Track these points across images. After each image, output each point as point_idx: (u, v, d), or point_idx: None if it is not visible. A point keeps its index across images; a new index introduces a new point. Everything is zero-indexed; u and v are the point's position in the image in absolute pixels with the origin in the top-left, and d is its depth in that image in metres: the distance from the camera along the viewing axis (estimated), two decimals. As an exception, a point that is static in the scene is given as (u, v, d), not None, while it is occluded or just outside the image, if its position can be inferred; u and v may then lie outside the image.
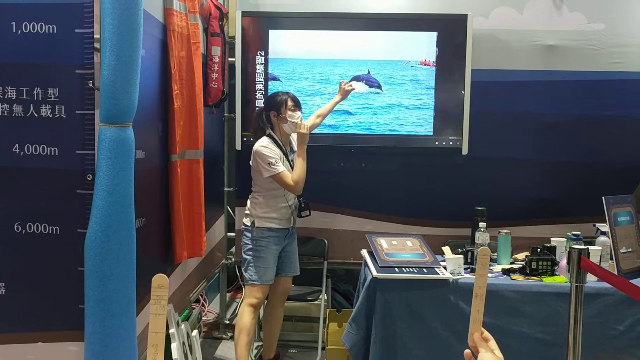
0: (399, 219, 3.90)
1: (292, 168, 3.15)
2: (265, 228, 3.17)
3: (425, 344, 2.75)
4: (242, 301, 3.33)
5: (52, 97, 2.03)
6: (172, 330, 2.64)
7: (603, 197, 2.84)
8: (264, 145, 3.10)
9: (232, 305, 4.57)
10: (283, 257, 3.30)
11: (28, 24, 2.00)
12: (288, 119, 3.15)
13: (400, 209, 3.91)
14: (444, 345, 2.74)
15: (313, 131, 3.74)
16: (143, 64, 2.08)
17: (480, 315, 1.23)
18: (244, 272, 3.24)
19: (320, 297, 3.67)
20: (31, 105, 2.03)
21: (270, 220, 3.18)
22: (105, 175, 1.91)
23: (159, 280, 0.98)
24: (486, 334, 1.23)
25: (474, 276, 2.78)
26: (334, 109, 3.57)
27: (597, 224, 3.15)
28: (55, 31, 2.00)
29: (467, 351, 1.23)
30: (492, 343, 1.21)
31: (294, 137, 3.28)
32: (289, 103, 3.17)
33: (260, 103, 3.72)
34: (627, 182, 3.67)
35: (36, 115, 2.03)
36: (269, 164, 3.05)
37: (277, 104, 3.18)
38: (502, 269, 2.91)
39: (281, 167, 3.07)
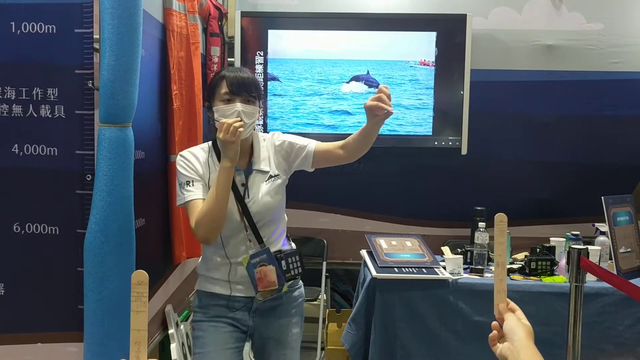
0: (398, 219, 3.90)
1: (240, 202, 2.04)
2: (204, 292, 2.12)
3: (425, 344, 2.75)
4: None
5: (52, 97, 2.02)
6: (171, 331, 2.64)
7: (602, 197, 2.84)
8: (183, 154, 2.08)
9: (232, 305, 4.56)
10: (257, 344, 2.17)
11: (27, 24, 2.00)
12: (216, 115, 2.03)
13: (399, 209, 3.91)
14: (443, 345, 2.74)
15: (312, 132, 3.73)
16: (142, 64, 2.08)
17: (504, 285, 1.18)
18: None
19: (320, 297, 3.66)
20: (30, 105, 2.03)
21: (209, 280, 2.11)
22: (104, 176, 1.91)
23: (139, 276, 0.99)
24: (512, 304, 1.18)
25: (473, 276, 2.81)
26: (333, 109, 3.54)
27: (596, 223, 3.16)
28: (54, 31, 2.00)
29: (494, 323, 1.19)
30: (519, 313, 1.17)
31: (269, 142, 2.16)
32: (222, 90, 2.01)
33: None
34: (626, 182, 3.67)
35: (35, 115, 2.02)
36: (179, 185, 2.05)
37: (208, 89, 2.12)
38: (502, 269, 2.91)
39: (192, 193, 1.99)
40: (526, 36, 3.72)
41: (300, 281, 2.25)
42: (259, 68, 3.71)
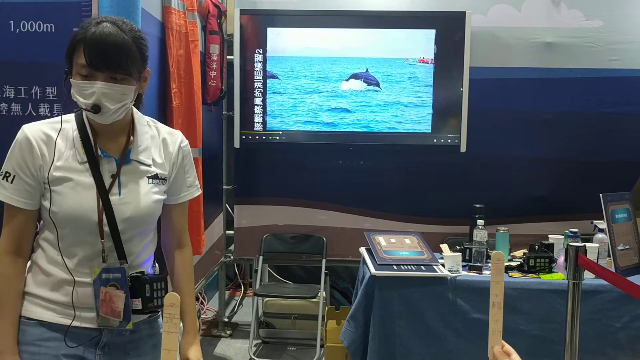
0: (397, 217, 3.90)
1: (103, 198, 1.42)
2: (31, 321, 1.45)
3: (423, 341, 2.76)
4: None
5: (50, 96, 2.03)
6: (171, 328, 2.64)
7: (601, 195, 2.84)
8: (24, 132, 1.44)
9: (231, 303, 4.58)
10: None
11: (26, 23, 2.01)
12: (72, 91, 1.38)
13: (398, 207, 3.91)
14: (441, 342, 2.75)
15: (311, 129, 3.74)
16: (141, 62, 2.08)
17: (499, 326, 1.11)
18: None
19: (319, 294, 3.67)
20: (29, 104, 2.04)
21: (40, 304, 1.46)
22: (103, 174, 1.91)
23: (171, 298, 0.99)
24: (507, 347, 1.10)
25: (472, 274, 2.81)
26: (332, 107, 3.55)
27: (594, 221, 3.16)
28: (53, 30, 2.01)
29: None
30: (515, 357, 1.09)
31: (162, 134, 1.58)
32: (79, 59, 1.35)
33: (259, 101, 3.73)
34: (625, 179, 3.67)
35: (34, 114, 2.03)
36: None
37: (68, 51, 1.39)
38: (500, 267, 2.92)
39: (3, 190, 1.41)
40: (525, 33, 3.72)
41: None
42: (258, 66, 3.71)
